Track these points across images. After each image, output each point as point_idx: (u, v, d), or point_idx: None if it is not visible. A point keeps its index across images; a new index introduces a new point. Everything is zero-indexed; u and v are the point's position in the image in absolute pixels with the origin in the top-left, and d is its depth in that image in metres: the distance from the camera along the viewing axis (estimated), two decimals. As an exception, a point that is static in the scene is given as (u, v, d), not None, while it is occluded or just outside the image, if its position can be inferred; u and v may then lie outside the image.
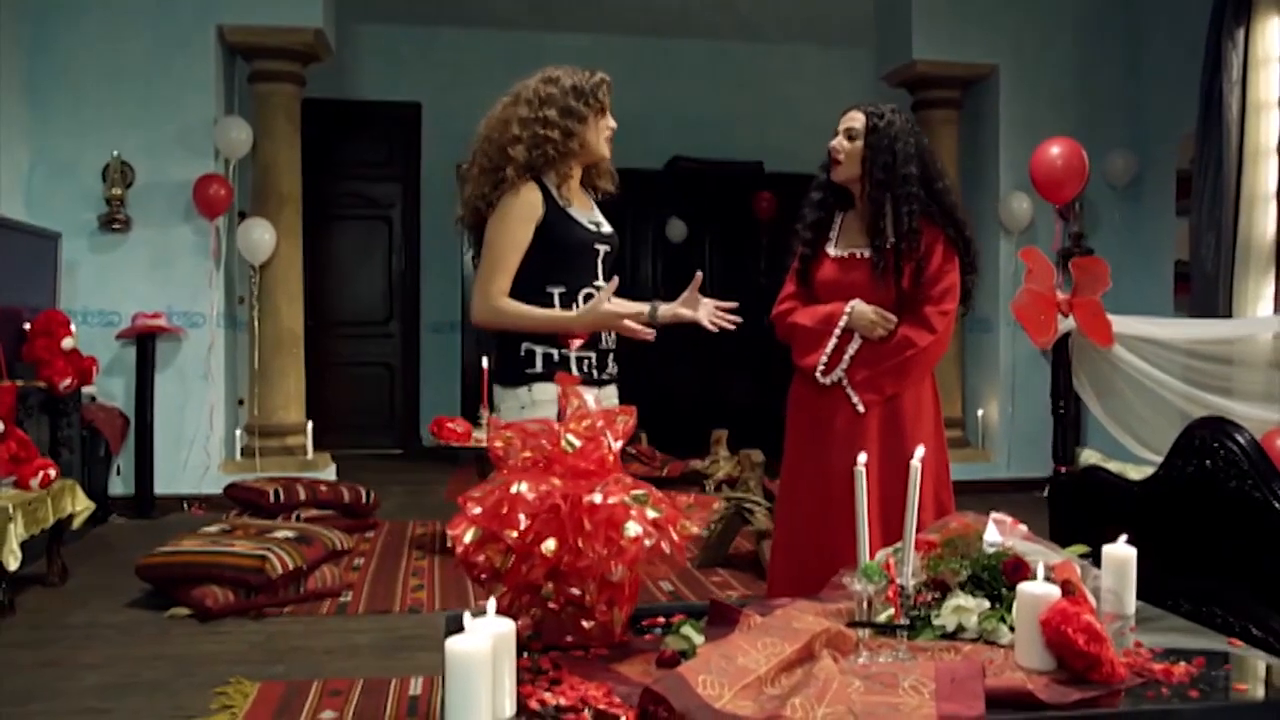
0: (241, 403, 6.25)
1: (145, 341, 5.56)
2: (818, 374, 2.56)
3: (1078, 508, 3.61)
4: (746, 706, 1.61)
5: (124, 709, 2.73)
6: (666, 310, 2.49)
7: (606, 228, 2.53)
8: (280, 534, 3.93)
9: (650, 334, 2.36)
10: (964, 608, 1.90)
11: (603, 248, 2.48)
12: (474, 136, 2.49)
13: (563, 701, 1.62)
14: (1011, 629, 1.87)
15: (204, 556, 3.66)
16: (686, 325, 2.51)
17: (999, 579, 1.93)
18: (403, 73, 8.24)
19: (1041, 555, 2.02)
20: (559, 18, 8.23)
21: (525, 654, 1.78)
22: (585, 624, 1.88)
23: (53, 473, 3.86)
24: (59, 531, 3.97)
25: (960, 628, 1.89)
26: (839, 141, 2.60)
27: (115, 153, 5.60)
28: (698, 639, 1.84)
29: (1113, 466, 3.76)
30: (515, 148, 2.35)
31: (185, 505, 5.72)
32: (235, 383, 6.17)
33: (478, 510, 1.82)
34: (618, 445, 1.89)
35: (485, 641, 1.48)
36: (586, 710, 1.60)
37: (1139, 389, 3.98)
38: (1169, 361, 4.00)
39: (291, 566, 3.67)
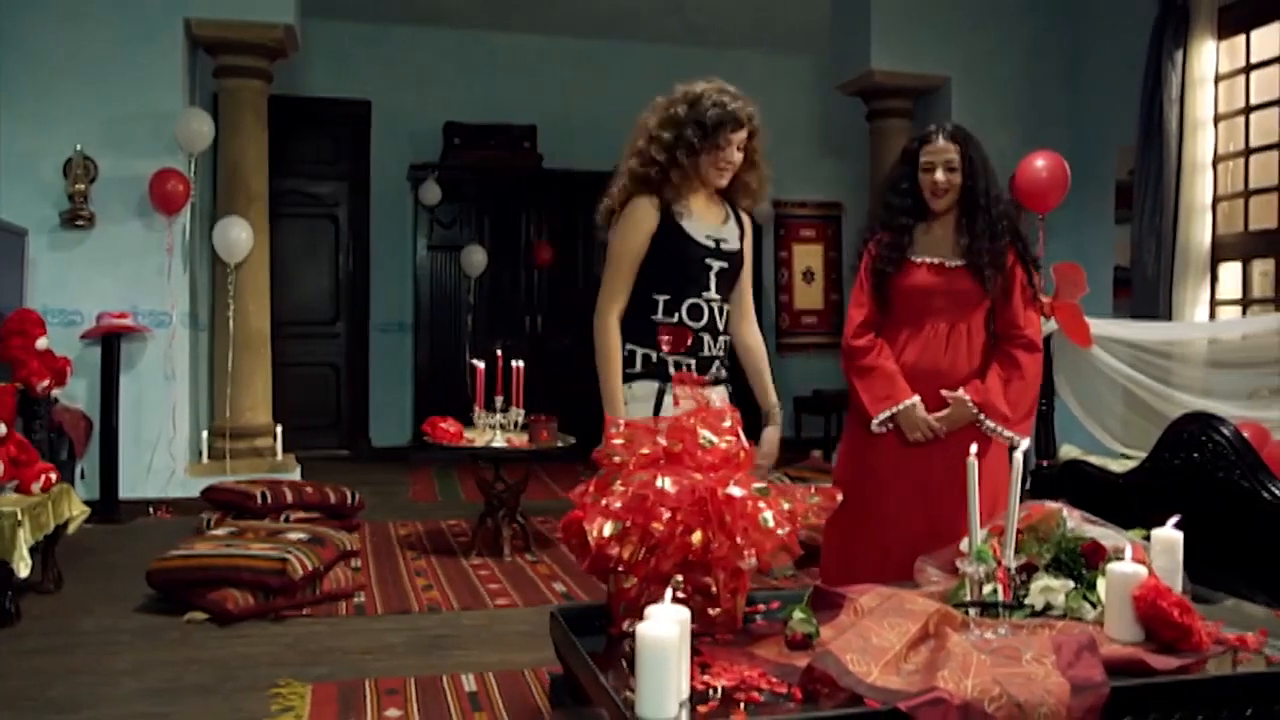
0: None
1: (110, 342, 5.39)
2: (874, 424, 2.70)
3: (1061, 499, 3.85)
4: (894, 680, 1.74)
5: (181, 713, 2.70)
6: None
7: (731, 244, 2.56)
8: (292, 535, 3.90)
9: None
10: (1051, 588, 2.07)
11: (717, 263, 2.51)
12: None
13: (725, 683, 1.73)
14: (1093, 606, 2.05)
15: (221, 559, 3.60)
16: None
17: (1079, 561, 2.12)
18: (352, 70, 8.15)
19: (1109, 539, 2.22)
20: (511, 17, 8.24)
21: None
22: (711, 611, 1.99)
23: (53, 476, 3.76)
24: (55, 537, 3.86)
25: (1048, 606, 2.07)
26: (942, 175, 2.69)
27: (78, 147, 5.42)
28: (814, 622, 1.97)
29: (1093, 460, 4.02)
30: (630, 160, 2.45)
31: (151, 509, 5.58)
32: (199, 384, 6.03)
33: (618, 504, 1.91)
34: (747, 443, 2.01)
35: (674, 628, 1.58)
36: (753, 690, 1.71)
37: (1113, 387, 4.28)
38: (1130, 358, 4.31)
39: (310, 568, 3.66)
